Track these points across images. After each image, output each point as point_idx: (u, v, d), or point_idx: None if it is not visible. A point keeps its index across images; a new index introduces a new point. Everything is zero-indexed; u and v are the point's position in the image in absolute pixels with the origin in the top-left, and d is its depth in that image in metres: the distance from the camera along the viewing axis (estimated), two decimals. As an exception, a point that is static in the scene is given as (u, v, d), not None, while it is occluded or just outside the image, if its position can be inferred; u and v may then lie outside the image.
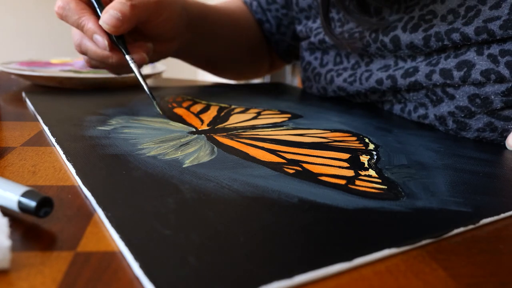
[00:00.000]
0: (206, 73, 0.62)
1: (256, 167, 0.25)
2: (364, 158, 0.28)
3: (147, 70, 0.58)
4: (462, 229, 0.20)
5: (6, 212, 0.19)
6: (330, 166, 0.26)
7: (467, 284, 0.16)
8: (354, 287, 0.15)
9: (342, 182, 0.24)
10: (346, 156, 0.29)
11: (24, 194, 0.18)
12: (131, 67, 0.39)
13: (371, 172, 0.26)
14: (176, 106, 0.41)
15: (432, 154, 0.30)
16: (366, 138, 0.33)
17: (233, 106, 0.42)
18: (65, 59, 0.66)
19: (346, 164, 0.27)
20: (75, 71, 0.54)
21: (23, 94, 0.44)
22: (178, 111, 0.39)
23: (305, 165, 0.26)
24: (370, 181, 0.24)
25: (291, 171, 0.25)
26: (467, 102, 0.35)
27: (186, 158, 0.26)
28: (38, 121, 0.35)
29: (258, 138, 0.31)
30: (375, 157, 0.29)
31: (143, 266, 0.15)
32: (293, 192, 0.22)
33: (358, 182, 0.24)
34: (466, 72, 0.34)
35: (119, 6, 0.37)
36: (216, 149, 0.28)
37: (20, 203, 0.18)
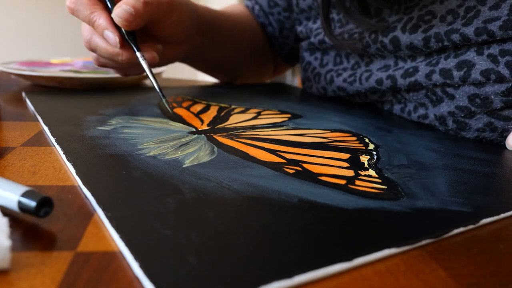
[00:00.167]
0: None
1: (256, 167, 0.25)
2: (364, 158, 0.28)
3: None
4: (462, 229, 0.20)
5: (6, 212, 0.19)
6: (330, 166, 0.26)
7: (467, 284, 0.16)
8: (354, 287, 0.15)
9: (342, 182, 0.24)
10: (346, 156, 0.29)
11: (24, 194, 0.18)
12: (142, 64, 0.39)
13: (371, 172, 0.26)
14: (176, 106, 0.41)
15: (432, 154, 0.30)
16: (366, 138, 0.33)
17: (233, 106, 0.42)
18: (65, 59, 0.66)
19: (346, 164, 0.27)
20: (75, 71, 0.54)
21: (23, 94, 0.44)
22: (178, 111, 0.39)
23: (305, 165, 0.26)
24: (370, 181, 0.24)
25: (291, 171, 0.25)
26: (467, 102, 0.35)
27: (186, 158, 0.26)
28: (38, 121, 0.35)
29: (258, 138, 0.31)
30: (375, 157, 0.29)
31: (143, 266, 0.15)
32: (293, 192, 0.22)
33: (358, 182, 0.24)
34: (466, 72, 0.34)
35: (132, 2, 0.37)
36: (216, 149, 0.28)
37: (20, 203, 0.18)
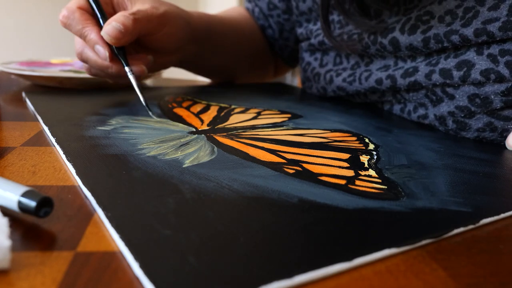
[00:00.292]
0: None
1: (256, 167, 0.25)
2: (364, 158, 0.28)
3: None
4: (462, 229, 0.20)
5: (6, 212, 0.19)
6: (330, 166, 0.26)
7: (467, 284, 0.16)
8: (354, 287, 0.15)
9: (342, 182, 0.24)
10: (346, 156, 0.29)
11: (24, 194, 0.18)
12: (130, 78, 0.40)
13: (371, 172, 0.26)
14: (176, 106, 0.41)
15: (432, 154, 0.30)
16: (366, 138, 0.33)
17: (233, 106, 0.42)
18: (65, 59, 0.66)
19: (346, 164, 0.27)
20: (75, 71, 0.54)
21: (23, 94, 0.44)
22: (178, 111, 0.39)
23: (305, 165, 0.26)
24: (370, 181, 0.24)
25: (291, 171, 0.25)
26: (467, 102, 0.35)
27: (186, 158, 0.26)
28: (38, 121, 0.35)
29: (258, 138, 0.31)
30: (375, 157, 0.29)
31: (143, 266, 0.15)
32: (293, 192, 0.22)
33: (358, 182, 0.24)
34: (465, 72, 0.34)
35: (122, 19, 0.38)
36: (216, 149, 0.28)
37: (20, 203, 0.18)
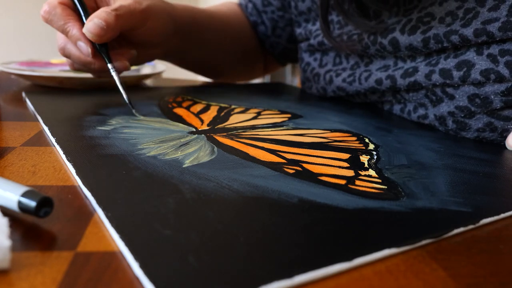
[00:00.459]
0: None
1: (256, 167, 0.25)
2: (364, 158, 0.28)
3: (147, 70, 0.58)
4: (462, 229, 0.20)
5: (6, 212, 0.19)
6: (330, 166, 0.26)
7: (467, 284, 0.16)
8: (354, 287, 0.15)
9: (342, 182, 0.24)
10: (346, 156, 0.29)
11: (24, 194, 0.18)
12: (112, 74, 0.40)
13: (371, 172, 0.26)
14: (176, 106, 0.41)
15: (432, 154, 0.30)
16: (366, 138, 0.33)
17: (233, 106, 0.42)
18: (65, 59, 0.66)
19: (346, 164, 0.27)
20: (75, 71, 0.54)
21: (23, 94, 0.44)
22: (178, 111, 0.39)
23: (305, 165, 0.26)
24: (370, 181, 0.24)
25: (291, 171, 0.25)
26: (467, 102, 0.35)
27: (186, 158, 0.26)
28: (38, 121, 0.35)
29: (258, 138, 0.31)
30: (375, 157, 0.29)
31: (143, 266, 0.15)
32: (293, 192, 0.22)
33: (358, 182, 0.24)
34: (465, 72, 0.34)
35: (104, 15, 0.38)
36: (216, 149, 0.28)
37: (20, 203, 0.18)
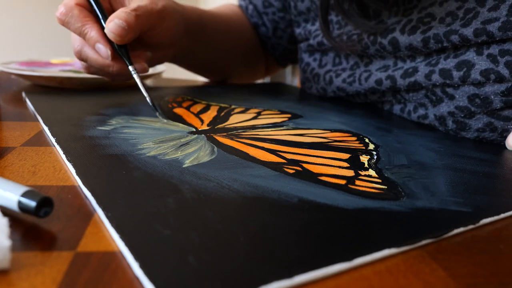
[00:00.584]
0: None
1: (256, 167, 0.25)
2: (364, 158, 0.28)
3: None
4: (462, 229, 0.20)
5: (6, 212, 0.19)
6: (330, 166, 0.26)
7: (467, 284, 0.16)
8: (354, 287, 0.15)
9: (342, 182, 0.24)
10: (346, 156, 0.29)
11: (24, 194, 0.18)
12: (134, 78, 0.40)
13: (371, 172, 0.26)
14: (176, 106, 0.41)
15: (432, 154, 0.30)
16: (366, 138, 0.33)
17: (233, 106, 0.42)
18: (65, 59, 0.66)
19: (346, 164, 0.27)
20: (75, 71, 0.54)
21: (23, 94, 0.44)
22: (178, 111, 0.39)
23: (305, 165, 0.26)
24: (370, 181, 0.24)
25: (291, 171, 0.25)
26: (467, 102, 0.35)
27: (186, 158, 0.26)
28: (38, 121, 0.35)
29: (258, 138, 0.31)
30: (375, 157, 0.29)
31: (143, 266, 0.15)
32: (293, 192, 0.22)
33: (358, 182, 0.24)
34: (465, 72, 0.34)
35: (124, 16, 0.37)
36: (216, 149, 0.28)
37: (20, 203, 0.18)
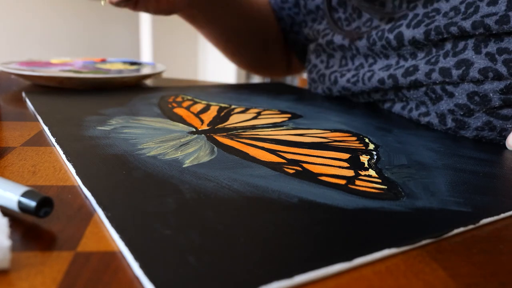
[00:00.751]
0: (206, 73, 0.62)
1: (256, 167, 0.25)
2: (364, 158, 0.28)
3: (147, 70, 0.58)
4: (462, 229, 0.20)
5: (6, 212, 0.19)
6: (330, 166, 0.26)
7: (467, 284, 0.16)
8: (354, 287, 0.15)
9: (342, 182, 0.24)
10: (346, 156, 0.29)
11: (24, 194, 0.18)
12: None
13: (371, 172, 0.26)
14: (176, 106, 0.41)
15: (432, 154, 0.30)
16: (366, 138, 0.33)
17: (233, 106, 0.42)
18: (65, 59, 0.66)
19: (346, 164, 0.27)
20: (75, 71, 0.54)
21: (23, 94, 0.44)
22: (178, 111, 0.39)
23: (305, 165, 0.26)
24: (370, 181, 0.24)
25: (291, 171, 0.25)
26: (466, 100, 0.35)
27: (186, 158, 0.26)
28: (38, 121, 0.35)
29: (258, 138, 0.31)
30: (375, 157, 0.29)
31: (143, 266, 0.15)
32: (293, 192, 0.22)
33: (358, 182, 0.24)
34: (464, 70, 0.35)
35: None
36: (216, 149, 0.28)
37: (20, 203, 0.18)
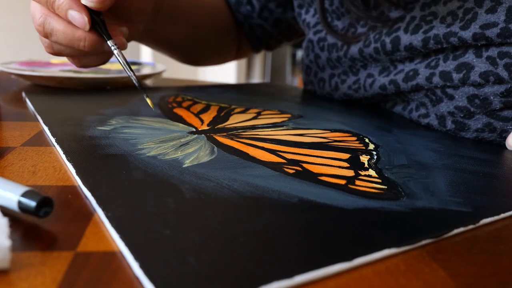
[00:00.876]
0: (206, 73, 0.61)
1: (256, 167, 0.25)
2: (364, 158, 0.28)
3: (147, 70, 0.58)
4: (462, 229, 0.20)
5: (6, 212, 0.19)
6: (330, 166, 0.26)
7: (467, 284, 0.16)
8: (354, 287, 0.15)
9: (342, 182, 0.24)
10: (346, 156, 0.29)
11: (24, 194, 0.18)
12: (115, 54, 0.34)
13: (371, 172, 0.26)
14: (176, 106, 0.41)
15: (432, 154, 0.30)
16: (366, 138, 0.33)
17: (233, 106, 0.42)
18: (65, 59, 0.66)
19: (346, 164, 0.27)
20: (75, 71, 0.54)
21: (23, 94, 0.44)
22: (178, 111, 0.39)
23: (305, 165, 0.26)
24: (370, 181, 0.24)
25: (291, 171, 0.25)
26: (466, 103, 0.35)
27: (186, 158, 0.26)
28: (38, 121, 0.35)
29: (258, 138, 0.31)
30: (375, 157, 0.29)
31: (143, 266, 0.15)
32: (293, 192, 0.22)
33: (358, 182, 0.24)
34: (465, 74, 0.34)
35: None
36: (216, 149, 0.28)
37: (20, 203, 0.18)
